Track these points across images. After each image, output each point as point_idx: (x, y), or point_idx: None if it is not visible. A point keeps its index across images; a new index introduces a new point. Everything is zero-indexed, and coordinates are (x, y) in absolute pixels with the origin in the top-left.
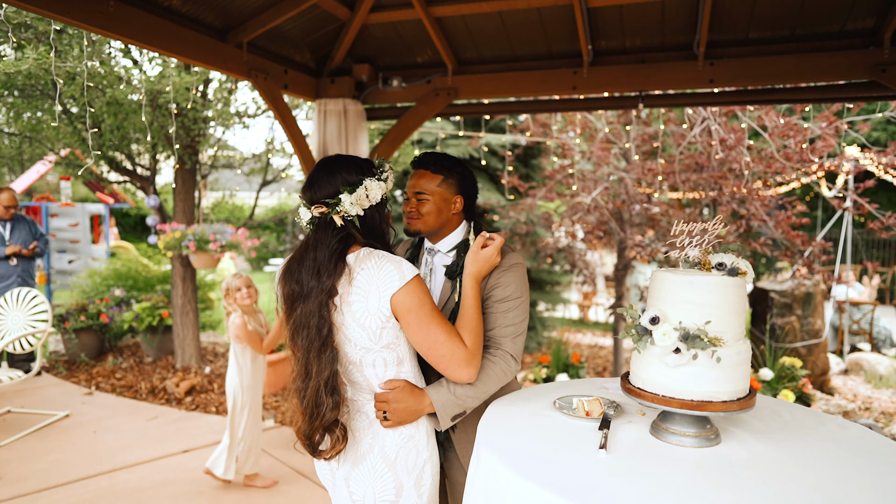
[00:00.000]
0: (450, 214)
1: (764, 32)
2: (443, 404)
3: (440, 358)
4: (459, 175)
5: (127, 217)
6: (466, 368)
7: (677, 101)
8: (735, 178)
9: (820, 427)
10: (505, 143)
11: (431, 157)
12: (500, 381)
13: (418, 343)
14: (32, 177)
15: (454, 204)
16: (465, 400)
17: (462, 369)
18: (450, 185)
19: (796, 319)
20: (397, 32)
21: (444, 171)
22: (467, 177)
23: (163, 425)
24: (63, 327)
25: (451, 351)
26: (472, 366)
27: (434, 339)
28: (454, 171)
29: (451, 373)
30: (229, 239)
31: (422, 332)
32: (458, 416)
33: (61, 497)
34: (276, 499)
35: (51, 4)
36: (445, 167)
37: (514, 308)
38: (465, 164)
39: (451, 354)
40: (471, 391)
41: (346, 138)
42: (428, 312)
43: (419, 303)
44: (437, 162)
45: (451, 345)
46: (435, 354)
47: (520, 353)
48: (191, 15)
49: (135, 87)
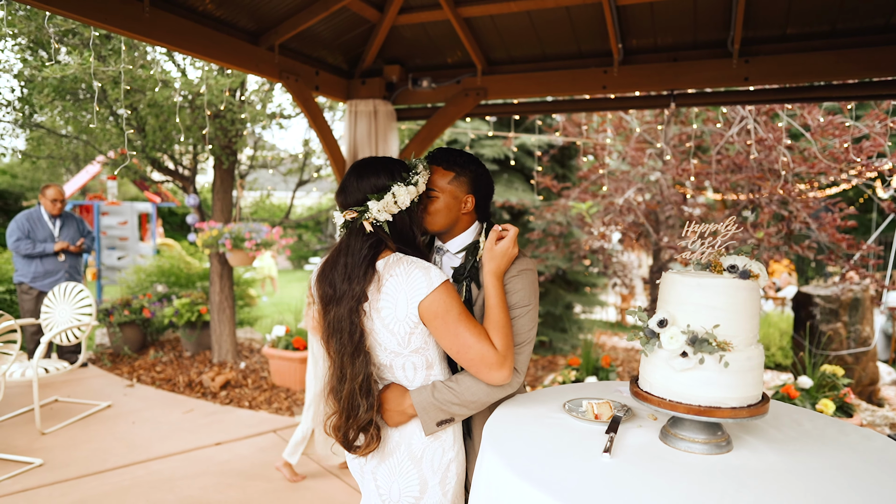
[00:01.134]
0: (459, 213)
1: (802, 28)
2: (423, 407)
3: (470, 361)
4: (472, 173)
5: (174, 215)
6: (498, 370)
7: (711, 100)
8: (775, 179)
9: (841, 437)
10: (540, 143)
11: (444, 152)
12: (496, 394)
13: (448, 347)
14: (86, 177)
15: (465, 203)
16: (448, 406)
17: (494, 371)
18: (461, 183)
19: (842, 326)
20: (427, 33)
21: (457, 167)
22: (481, 175)
23: (197, 418)
24: (108, 321)
25: (481, 354)
26: (504, 367)
27: (463, 343)
28: (467, 168)
29: (483, 376)
30: (264, 237)
31: (450, 336)
32: (444, 423)
33: (99, 483)
34: (300, 493)
35: (90, 12)
36: (458, 164)
37: (521, 316)
38: (480, 163)
39: (481, 357)
40: (455, 398)
41: (376, 139)
42: (455, 317)
43: (446, 308)
44: (450, 158)
45: (480, 348)
46: (465, 358)
47: (524, 365)
48: (225, 19)
49: (175, 89)
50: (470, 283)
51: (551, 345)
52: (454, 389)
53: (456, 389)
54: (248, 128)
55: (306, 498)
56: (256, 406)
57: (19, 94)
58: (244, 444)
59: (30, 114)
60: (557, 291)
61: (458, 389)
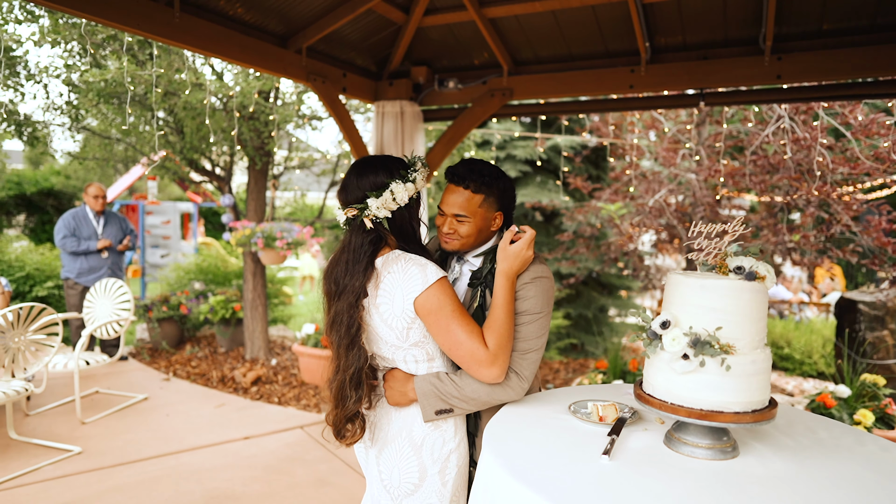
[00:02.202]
0: (489, 232)
1: (839, 23)
2: (424, 394)
3: (461, 358)
4: (500, 190)
5: (215, 215)
6: (488, 369)
7: (742, 99)
8: (816, 180)
9: (857, 447)
10: (572, 144)
11: (470, 172)
12: (497, 396)
13: (441, 343)
14: (132, 177)
15: (494, 220)
16: (448, 398)
17: (483, 369)
18: (491, 204)
19: (889, 334)
20: (453, 34)
21: (485, 188)
22: (507, 189)
23: (228, 412)
24: (147, 317)
25: (471, 352)
26: (494, 366)
27: (454, 340)
28: (495, 186)
29: (473, 373)
30: (295, 237)
31: (442, 332)
32: (443, 412)
33: (133, 472)
34: (324, 489)
35: (123, 18)
36: (486, 184)
37: (530, 323)
38: (504, 174)
39: (471, 355)
40: (456, 392)
41: (403, 139)
42: (448, 314)
43: (440, 304)
44: (479, 178)
45: (470, 345)
46: (456, 354)
47: (529, 372)
48: (254, 23)
49: (211, 91)
50: (485, 289)
51: (583, 348)
52: (457, 383)
53: (458, 384)
54: (280, 129)
55: (329, 494)
56: (285, 402)
57: (67, 98)
58: (271, 439)
59: (76, 117)
60: (590, 294)
61: (460, 384)
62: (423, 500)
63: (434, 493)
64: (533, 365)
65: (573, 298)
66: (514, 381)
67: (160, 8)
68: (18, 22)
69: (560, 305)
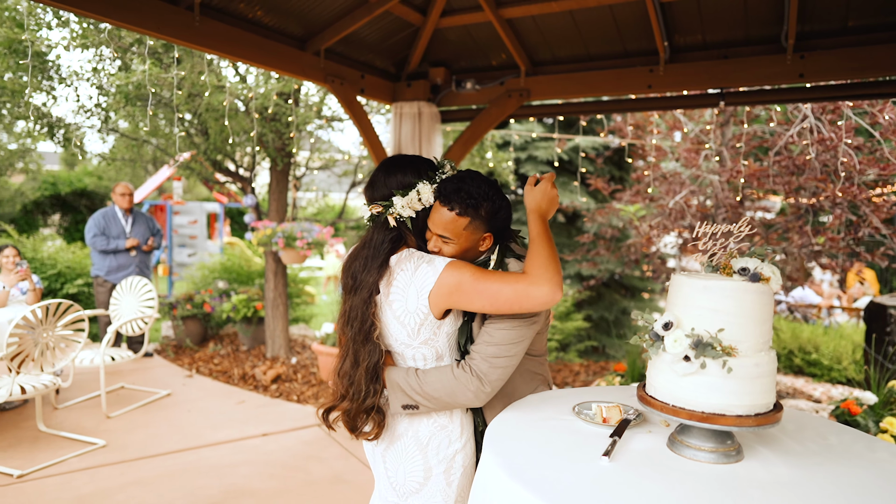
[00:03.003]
0: (477, 251)
1: (865, 20)
2: (392, 385)
3: (509, 302)
4: (489, 212)
5: (241, 215)
6: (537, 289)
7: (763, 98)
8: (841, 181)
9: (868, 454)
10: (594, 144)
11: (456, 192)
12: (454, 394)
13: (482, 307)
14: (161, 178)
15: (483, 241)
16: (412, 393)
17: (532, 294)
18: (477, 227)
19: None
20: (471, 35)
21: (472, 211)
22: (498, 210)
23: (248, 409)
24: (172, 315)
25: (513, 290)
26: (540, 285)
27: (492, 293)
28: (482, 208)
29: (528, 303)
30: (315, 237)
31: (476, 296)
32: (409, 407)
33: (154, 466)
34: (338, 486)
35: (145, 22)
36: (473, 206)
37: (503, 330)
38: (496, 194)
39: (515, 292)
40: (419, 388)
41: (420, 140)
42: (470, 279)
43: (458, 279)
44: (465, 200)
45: (509, 286)
46: (503, 302)
47: (495, 377)
48: (273, 26)
49: (231, 93)
50: None
51: (604, 350)
52: (420, 379)
53: (422, 380)
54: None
55: (343, 491)
56: (304, 400)
57: (96, 101)
58: (289, 437)
59: (105, 119)
60: (612, 296)
61: (423, 380)
62: (428, 498)
63: (439, 492)
64: (500, 372)
65: (594, 300)
66: (473, 384)
67: (181, 12)
68: (50, 27)
69: (581, 307)
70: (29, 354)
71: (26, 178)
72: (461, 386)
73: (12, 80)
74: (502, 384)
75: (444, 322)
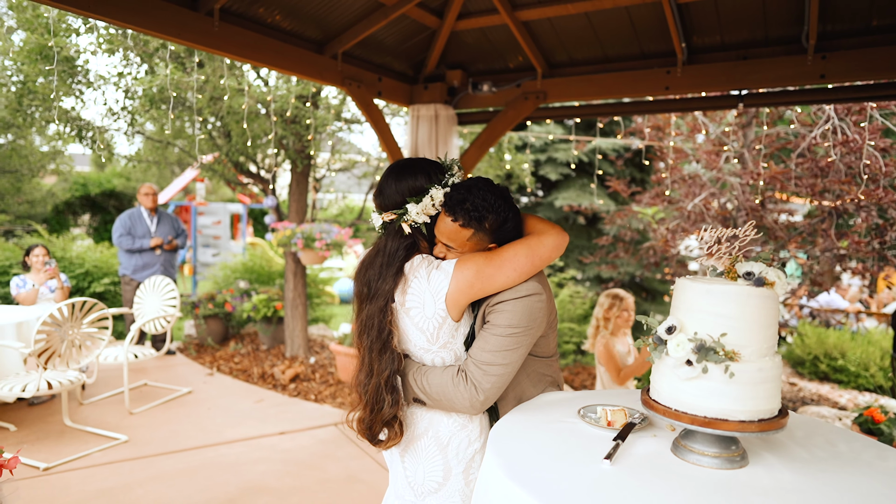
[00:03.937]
0: None
1: (889, 19)
2: (405, 374)
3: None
4: (494, 224)
5: (264, 216)
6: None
7: (783, 100)
8: (864, 184)
9: (878, 462)
10: (616, 146)
11: (461, 204)
12: (452, 400)
13: (507, 279)
14: (186, 179)
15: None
16: (416, 387)
17: (543, 240)
18: (482, 238)
19: None
20: (487, 38)
21: (475, 223)
22: (504, 221)
23: (266, 408)
24: (195, 314)
25: (525, 246)
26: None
27: (509, 260)
28: (486, 220)
29: (544, 251)
30: (334, 238)
31: (496, 270)
32: (417, 401)
33: (174, 462)
34: (353, 485)
35: (165, 28)
36: (477, 219)
37: (500, 336)
38: (504, 205)
39: (527, 248)
40: (423, 385)
41: (437, 142)
42: (483, 262)
43: (472, 271)
44: (469, 213)
45: (521, 246)
46: (522, 264)
47: (490, 386)
48: (292, 30)
49: (251, 96)
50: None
51: None
52: (426, 378)
53: (428, 379)
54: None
55: (358, 490)
56: (321, 399)
57: (122, 104)
58: (306, 435)
59: (132, 122)
60: None
61: (428, 380)
62: (447, 498)
63: (457, 492)
64: (495, 380)
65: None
66: (461, 389)
67: (200, 18)
68: (78, 33)
69: None
70: (56, 351)
71: (58, 180)
72: (458, 393)
73: (43, 84)
74: (498, 394)
75: (461, 324)
